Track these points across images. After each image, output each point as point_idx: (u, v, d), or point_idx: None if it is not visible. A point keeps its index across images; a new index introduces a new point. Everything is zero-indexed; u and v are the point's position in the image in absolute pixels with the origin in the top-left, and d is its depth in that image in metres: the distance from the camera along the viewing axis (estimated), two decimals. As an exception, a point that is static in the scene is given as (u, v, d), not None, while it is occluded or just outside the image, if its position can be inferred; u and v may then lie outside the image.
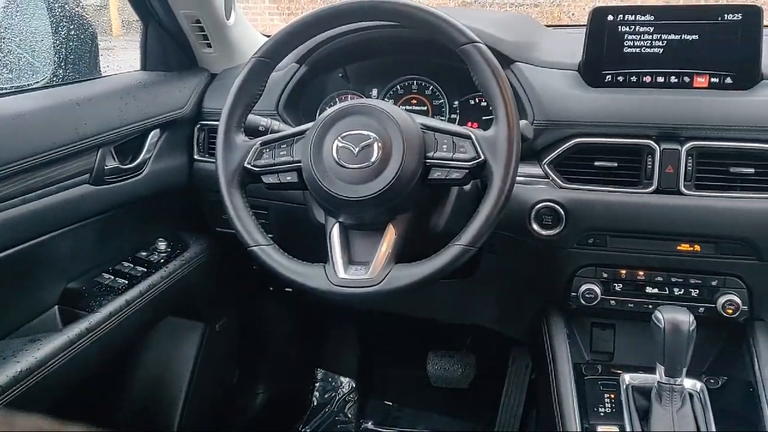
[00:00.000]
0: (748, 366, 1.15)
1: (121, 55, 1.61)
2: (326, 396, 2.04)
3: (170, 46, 1.44)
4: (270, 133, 1.15)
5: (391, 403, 1.98)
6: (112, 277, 1.26)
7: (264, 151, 1.06)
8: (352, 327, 2.05)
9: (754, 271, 1.14)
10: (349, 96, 1.42)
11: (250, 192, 1.09)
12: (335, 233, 1.03)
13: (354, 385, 2.02)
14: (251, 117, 1.15)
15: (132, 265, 1.32)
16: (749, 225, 1.10)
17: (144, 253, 1.37)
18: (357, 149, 0.98)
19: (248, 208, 1.06)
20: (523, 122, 1.03)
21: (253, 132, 1.18)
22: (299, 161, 1.03)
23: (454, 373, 1.87)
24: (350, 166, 0.98)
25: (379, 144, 0.98)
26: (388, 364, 2.05)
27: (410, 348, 1.98)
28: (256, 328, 1.87)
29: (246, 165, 1.06)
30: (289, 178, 1.04)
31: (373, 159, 0.97)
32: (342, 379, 2.05)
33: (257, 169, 1.05)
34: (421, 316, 1.66)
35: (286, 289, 1.63)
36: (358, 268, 1.00)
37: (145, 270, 1.31)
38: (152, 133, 1.31)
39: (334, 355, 2.09)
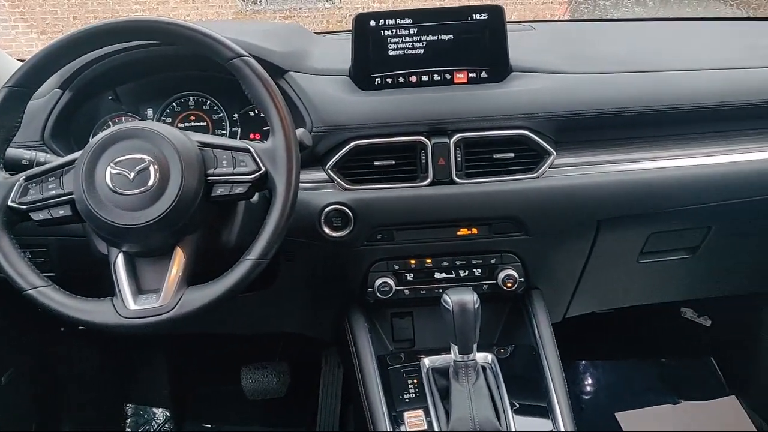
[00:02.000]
0: (530, 332, 1.28)
1: None
2: (140, 431, 1.94)
3: None
4: (36, 166, 1.06)
5: (209, 426, 1.93)
6: None
7: (30, 186, 0.98)
8: (160, 354, 1.96)
9: (525, 245, 1.27)
10: (123, 118, 1.36)
11: (24, 230, 1.00)
12: (120, 263, 0.98)
13: (168, 414, 1.94)
14: (11, 151, 1.06)
15: None
16: (515, 205, 1.21)
17: None
18: (132, 174, 0.94)
19: (18, 250, 0.97)
20: (300, 130, 1.05)
21: (16, 167, 1.08)
22: (71, 193, 0.96)
23: (268, 383, 1.87)
24: (127, 192, 0.94)
25: (156, 167, 0.94)
26: (202, 385, 2.00)
27: (222, 366, 1.95)
28: (53, 372, 1.73)
29: (10, 204, 0.97)
30: (61, 212, 0.97)
31: (150, 183, 0.94)
32: (155, 410, 1.96)
33: (24, 206, 0.97)
34: (228, 332, 1.63)
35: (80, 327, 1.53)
36: (149, 296, 0.96)
37: None
38: None
39: (145, 386, 1.99)
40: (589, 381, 2.03)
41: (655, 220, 1.33)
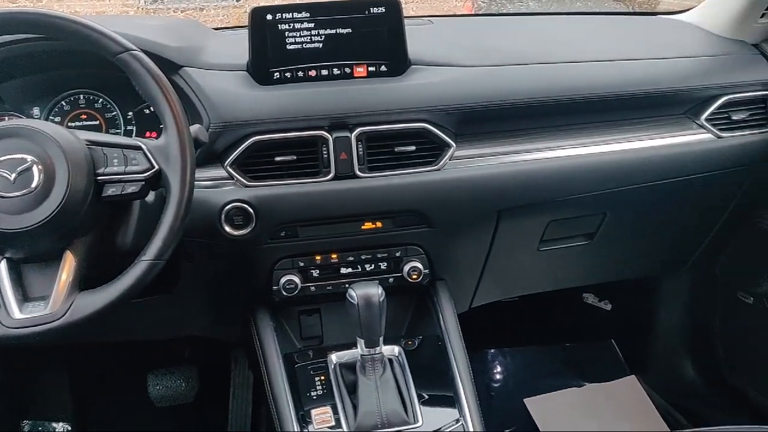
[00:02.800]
0: (435, 323, 1.29)
1: None
2: (38, 448, 1.84)
3: None
4: None
5: (115, 437, 1.85)
6: None
7: None
8: (59, 365, 1.87)
9: (429, 237, 1.28)
10: (6, 118, 1.28)
11: None
12: (3, 271, 0.92)
13: (70, 428, 1.85)
14: None
15: None
16: (417, 197, 1.22)
17: None
18: (14, 175, 0.89)
19: None
20: (195, 127, 1.02)
21: None
22: None
23: (177, 389, 1.81)
24: (9, 195, 0.89)
25: (39, 167, 0.90)
26: (106, 396, 1.92)
27: (127, 373, 1.87)
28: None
29: None
30: None
31: (34, 184, 0.89)
32: (54, 425, 1.86)
33: None
34: (131, 339, 1.57)
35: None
36: (36, 304, 0.91)
37: None
38: None
39: (44, 399, 1.89)
40: (498, 369, 2.08)
41: (554, 208, 1.37)
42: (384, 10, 1.23)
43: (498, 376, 2.07)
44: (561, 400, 1.93)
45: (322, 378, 1.19)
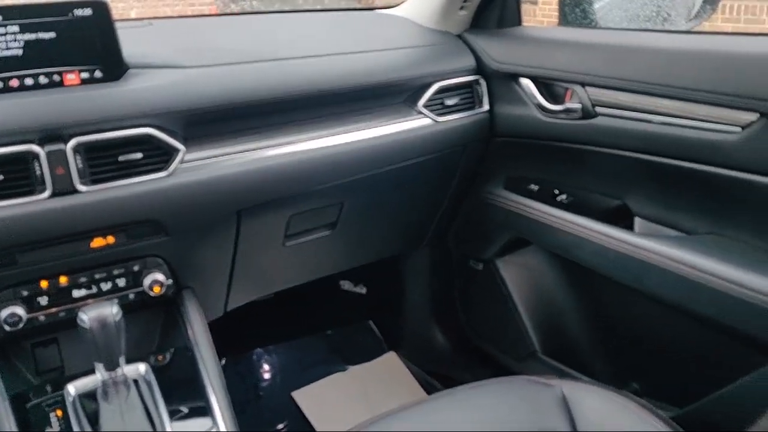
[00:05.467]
0: (184, 334, 1.25)
1: None
2: None
3: None
4: None
5: None
6: None
7: None
8: None
9: (168, 246, 1.23)
10: None
11: None
12: None
13: None
14: None
15: None
16: (149, 206, 1.16)
17: None
18: None
19: None
20: None
21: None
22: None
23: None
24: None
25: None
26: None
27: None
28: None
29: None
30: None
31: None
32: None
33: None
34: None
35: None
36: None
37: None
38: None
39: None
40: (266, 367, 2.08)
41: (294, 203, 1.39)
42: (91, 12, 1.15)
43: (266, 375, 2.07)
44: (327, 387, 1.99)
45: (59, 413, 1.09)
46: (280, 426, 1.88)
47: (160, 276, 1.22)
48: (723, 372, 1.26)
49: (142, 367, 1.16)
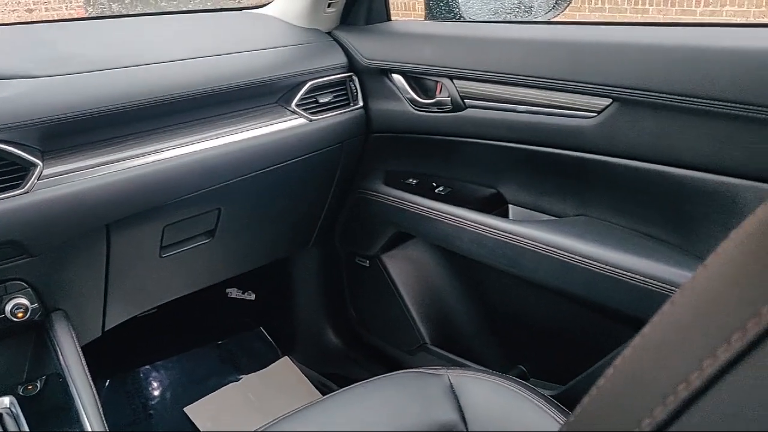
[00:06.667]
0: (55, 358, 1.18)
1: None
2: None
3: None
4: None
5: None
6: None
7: None
8: None
9: (31, 268, 1.15)
10: None
11: None
12: None
13: None
14: None
15: None
16: (7, 227, 1.08)
17: None
18: None
19: None
20: None
21: None
22: None
23: None
24: None
25: None
26: None
27: None
28: None
29: None
30: None
31: None
32: None
33: None
34: None
35: None
36: None
37: None
38: None
39: None
40: (154, 385, 2.00)
41: (168, 212, 1.34)
42: None
43: (156, 392, 1.99)
44: (221, 399, 1.94)
45: None
46: (172, 444, 1.82)
47: (23, 300, 1.15)
48: (598, 347, 1.32)
49: (5, 400, 1.09)
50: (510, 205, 1.44)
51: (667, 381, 0.28)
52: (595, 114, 1.19)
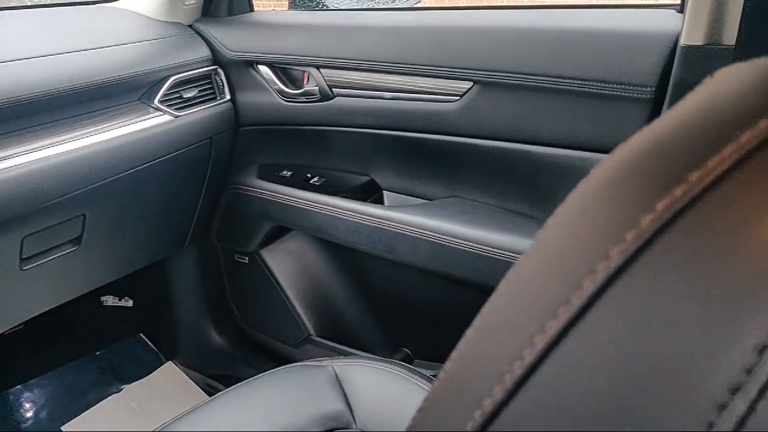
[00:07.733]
0: None
1: None
2: None
3: None
4: None
5: None
6: None
7: None
8: None
9: None
10: None
11: None
12: None
13: None
14: None
15: None
16: None
17: None
18: None
19: None
20: None
21: None
22: None
23: None
24: None
25: None
26: None
27: None
28: None
29: None
30: None
31: None
32: None
33: None
34: None
35: None
36: None
37: None
38: None
39: None
40: (26, 406, 1.88)
41: (26, 221, 1.25)
42: None
43: (29, 413, 1.87)
44: (103, 412, 1.85)
45: None
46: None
47: None
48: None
49: None
50: (384, 192, 1.46)
51: (511, 343, 0.29)
52: (458, 97, 1.23)
